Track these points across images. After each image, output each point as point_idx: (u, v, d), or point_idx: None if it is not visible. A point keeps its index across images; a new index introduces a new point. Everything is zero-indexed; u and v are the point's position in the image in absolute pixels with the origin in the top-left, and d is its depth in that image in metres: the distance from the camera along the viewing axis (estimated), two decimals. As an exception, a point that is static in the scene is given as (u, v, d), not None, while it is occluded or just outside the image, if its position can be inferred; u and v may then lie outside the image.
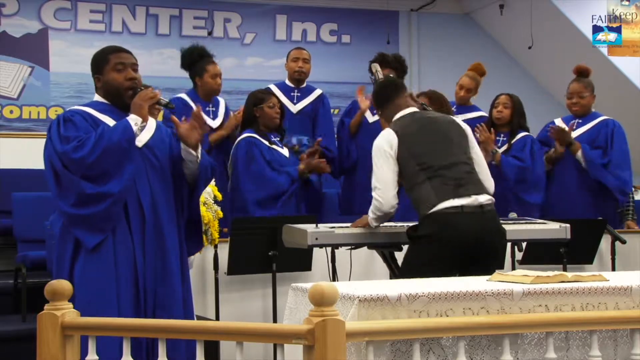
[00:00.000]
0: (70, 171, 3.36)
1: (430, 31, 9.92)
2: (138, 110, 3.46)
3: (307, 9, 9.60)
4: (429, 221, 3.88)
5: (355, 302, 2.63)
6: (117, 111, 3.53)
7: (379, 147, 4.03)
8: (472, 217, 3.85)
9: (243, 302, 5.13)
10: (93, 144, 3.34)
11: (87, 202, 3.35)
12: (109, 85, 3.54)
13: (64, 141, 3.39)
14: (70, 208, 3.36)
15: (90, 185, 3.34)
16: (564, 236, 4.43)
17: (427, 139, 4.01)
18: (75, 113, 3.51)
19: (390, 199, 3.96)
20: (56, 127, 3.45)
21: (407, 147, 3.97)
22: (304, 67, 6.15)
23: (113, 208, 3.37)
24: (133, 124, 3.42)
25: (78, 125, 3.44)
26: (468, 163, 4.01)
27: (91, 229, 3.36)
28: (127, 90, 3.51)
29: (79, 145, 3.35)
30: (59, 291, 2.62)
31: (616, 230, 5.62)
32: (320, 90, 6.30)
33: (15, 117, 8.46)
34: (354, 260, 4.89)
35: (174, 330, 2.67)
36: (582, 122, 5.99)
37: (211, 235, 4.46)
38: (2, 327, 4.99)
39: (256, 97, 5.56)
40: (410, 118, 4.10)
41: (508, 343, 2.63)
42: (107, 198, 3.35)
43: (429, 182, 3.90)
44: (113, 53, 3.57)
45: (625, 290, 2.87)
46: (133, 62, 3.58)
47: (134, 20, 8.92)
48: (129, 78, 3.53)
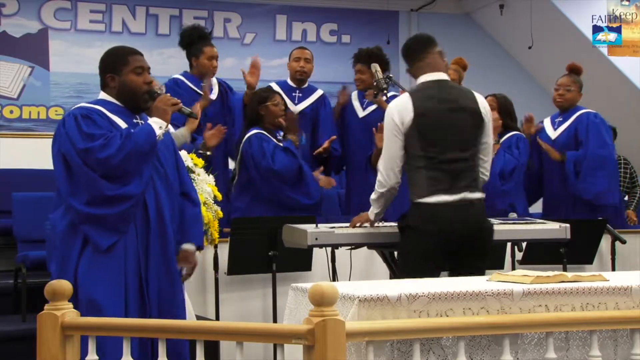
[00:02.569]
0: (91, 169, 3.35)
1: (430, 31, 9.73)
2: (162, 115, 3.48)
3: (307, 9, 9.59)
4: (417, 211, 3.89)
5: (355, 302, 2.63)
6: (127, 112, 3.54)
7: (391, 117, 3.94)
8: (459, 210, 3.85)
9: (243, 302, 5.13)
10: (120, 145, 3.35)
11: (104, 202, 3.35)
12: (126, 87, 3.53)
13: (88, 138, 3.37)
14: (83, 206, 3.36)
15: (109, 186, 3.35)
16: (564, 236, 4.43)
17: (441, 126, 3.91)
18: (92, 112, 3.48)
19: (394, 174, 3.94)
20: (74, 124, 3.41)
21: (419, 129, 3.89)
22: (305, 66, 6.14)
23: (131, 210, 3.40)
24: (157, 127, 3.44)
25: (98, 123, 3.44)
26: (472, 158, 3.97)
27: (106, 229, 3.37)
28: (143, 94, 3.53)
29: (105, 144, 3.35)
30: (59, 291, 2.62)
31: (616, 230, 5.62)
32: (321, 90, 6.29)
33: (15, 117, 8.45)
34: (354, 260, 4.90)
35: (174, 330, 2.67)
36: (563, 119, 6.03)
37: (211, 235, 4.46)
38: (2, 327, 4.99)
39: (260, 96, 5.56)
40: (434, 91, 3.97)
41: (508, 343, 2.63)
42: (128, 199, 3.38)
43: (426, 171, 3.89)
44: (132, 55, 3.57)
45: (625, 290, 2.87)
46: (148, 66, 3.60)
47: (134, 20, 8.92)
48: (147, 82, 3.54)
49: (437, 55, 4.07)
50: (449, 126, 3.92)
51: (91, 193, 3.35)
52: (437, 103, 3.94)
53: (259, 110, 5.49)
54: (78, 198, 3.37)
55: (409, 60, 4.11)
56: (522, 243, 4.99)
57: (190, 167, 4.44)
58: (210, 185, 4.50)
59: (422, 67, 4.04)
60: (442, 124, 3.92)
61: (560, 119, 6.06)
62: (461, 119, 3.96)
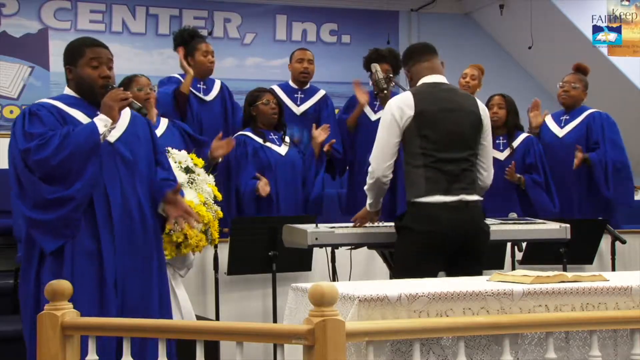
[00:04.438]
0: (30, 171, 3.23)
1: (430, 31, 9.92)
2: (108, 112, 3.31)
3: (307, 9, 9.60)
4: (413, 212, 3.88)
5: (355, 302, 2.63)
6: (87, 106, 3.40)
7: (390, 112, 3.94)
8: (455, 212, 3.85)
9: (243, 302, 5.13)
10: (57, 146, 3.20)
11: (46, 206, 3.22)
12: (82, 80, 3.40)
13: (28, 138, 3.24)
14: (29, 211, 3.24)
15: (49, 189, 3.22)
16: (564, 236, 4.43)
17: (441, 126, 3.91)
18: (42, 107, 3.35)
19: (383, 166, 3.92)
20: (21, 122, 3.30)
21: (418, 126, 3.89)
22: (309, 67, 6.12)
23: (73, 214, 3.24)
24: (102, 125, 3.29)
25: (44, 120, 3.29)
26: (470, 159, 3.98)
27: (50, 234, 3.24)
28: (100, 88, 3.38)
29: (42, 144, 3.21)
30: (59, 291, 2.62)
31: (616, 230, 5.62)
32: (323, 91, 6.24)
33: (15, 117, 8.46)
34: (354, 260, 4.90)
35: (174, 330, 2.67)
36: (570, 117, 6.01)
37: (211, 235, 4.45)
38: (2, 327, 4.99)
39: (251, 96, 5.59)
40: (435, 92, 3.98)
41: (508, 343, 2.63)
42: (68, 202, 3.22)
43: (424, 169, 3.89)
44: (90, 47, 3.43)
45: (625, 290, 2.87)
46: (109, 57, 3.45)
47: (134, 20, 8.92)
48: (103, 76, 3.40)
49: (439, 62, 4.11)
50: (449, 125, 3.93)
51: (34, 196, 3.23)
52: (438, 102, 3.95)
53: (251, 111, 5.52)
54: (25, 202, 3.26)
55: (414, 58, 4.10)
56: (522, 243, 4.99)
57: (190, 167, 4.44)
58: (210, 185, 4.50)
59: (425, 67, 4.05)
60: (442, 122, 3.92)
61: (567, 117, 6.01)
62: (460, 119, 3.97)
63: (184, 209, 3.46)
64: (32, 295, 3.30)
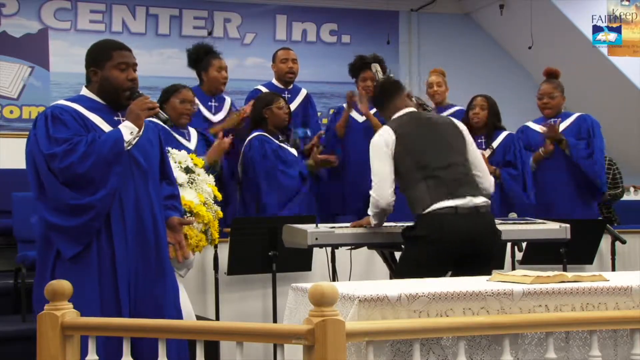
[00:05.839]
0: (54, 175, 3.22)
1: (430, 31, 9.91)
2: (135, 120, 3.31)
3: (307, 9, 9.59)
4: (424, 222, 3.89)
5: (355, 302, 2.63)
6: (107, 110, 3.40)
7: (376, 145, 4.05)
8: (467, 218, 3.86)
9: (243, 302, 5.14)
10: (83, 153, 3.20)
11: (66, 211, 3.21)
12: (108, 83, 3.40)
13: (53, 142, 3.23)
14: (49, 214, 3.23)
15: (72, 195, 3.21)
16: (563, 236, 4.44)
17: (425, 138, 4.03)
18: (64, 110, 3.33)
19: (386, 195, 3.96)
20: (44, 125, 3.27)
21: (404, 145, 3.99)
22: (294, 67, 6.21)
23: (93, 223, 3.23)
24: (128, 133, 3.29)
25: (68, 125, 3.28)
26: (464, 165, 4.02)
27: (69, 240, 3.23)
28: (125, 91, 3.39)
29: (69, 150, 3.20)
30: (59, 291, 2.62)
31: (616, 230, 5.63)
32: (305, 90, 6.38)
33: (15, 117, 8.45)
34: (354, 260, 4.90)
35: (174, 331, 2.67)
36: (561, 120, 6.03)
37: (211, 235, 4.45)
38: (2, 327, 4.99)
39: (265, 99, 5.67)
40: (408, 117, 4.13)
41: (508, 343, 2.63)
42: (89, 211, 3.22)
43: (425, 182, 3.91)
44: (117, 50, 3.44)
45: (625, 290, 2.87)
46: (134, 62, 3.47)
47: (134, 20, 8.92)
48: (130, 79, 3.41)
49: (406, 97, 4.24)
50: (432, 134, 4.06)
51: (55, 200, 3.22)
52: (414, 122, 4.12)
53: (264, 113, 5.56)
54: (45, 204, 3.24)
55: (384, 102, 4.24)
56: (522, 243, 4.99)
57: (190, 167, 4.44)
58: (210, 185, 4.49)
59: (392, 109, 4.18)
60: (424, 136, 4.05)
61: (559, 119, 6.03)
62: (440, 129, 4.11)
63: (178, 241, 3.51)
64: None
